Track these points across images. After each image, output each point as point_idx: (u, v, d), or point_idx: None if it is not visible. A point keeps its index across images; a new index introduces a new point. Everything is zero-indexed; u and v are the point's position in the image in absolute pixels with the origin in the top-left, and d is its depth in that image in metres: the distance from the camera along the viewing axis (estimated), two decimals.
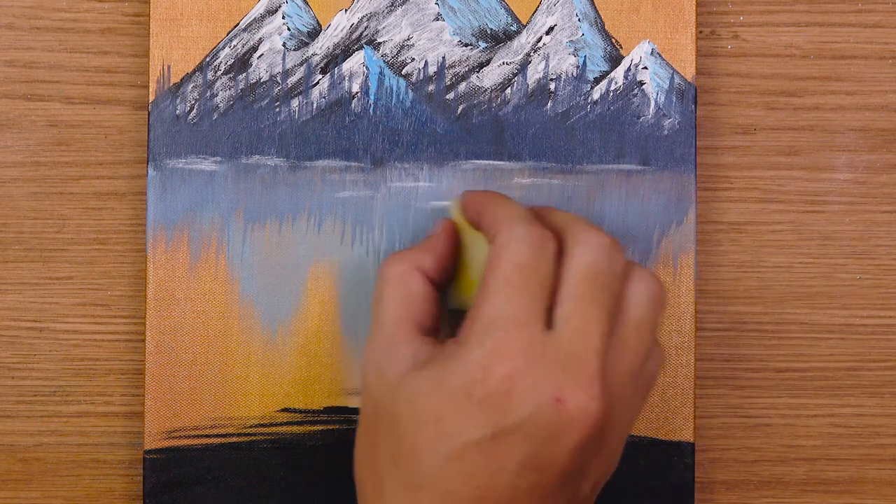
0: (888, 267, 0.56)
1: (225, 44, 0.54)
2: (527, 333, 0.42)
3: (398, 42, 0.54)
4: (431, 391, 0.42)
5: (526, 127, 0.54)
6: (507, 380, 0.41)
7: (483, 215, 0.46)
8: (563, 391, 0.41)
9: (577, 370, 0.42)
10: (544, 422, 0.41)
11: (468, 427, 0.42)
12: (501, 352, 0.42)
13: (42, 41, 0.55)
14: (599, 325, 0.43)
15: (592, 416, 0.42)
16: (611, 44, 0.54)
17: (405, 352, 0.44)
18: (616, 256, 0.44)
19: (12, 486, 0.55)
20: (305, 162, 0.53)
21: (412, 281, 0.46)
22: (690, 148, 0.54)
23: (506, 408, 0.41)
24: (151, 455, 0.53)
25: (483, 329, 0.42)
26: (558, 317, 0.43)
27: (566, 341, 0.42)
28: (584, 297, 0.43)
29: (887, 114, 0.56)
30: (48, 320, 0.55)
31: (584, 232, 0.44)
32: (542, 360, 0.42)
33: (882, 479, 0.56)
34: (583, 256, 0.43)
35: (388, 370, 0.44)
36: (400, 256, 0.47)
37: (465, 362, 0.42)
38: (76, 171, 0.55)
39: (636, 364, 0.44)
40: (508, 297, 0.42)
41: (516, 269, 0.43)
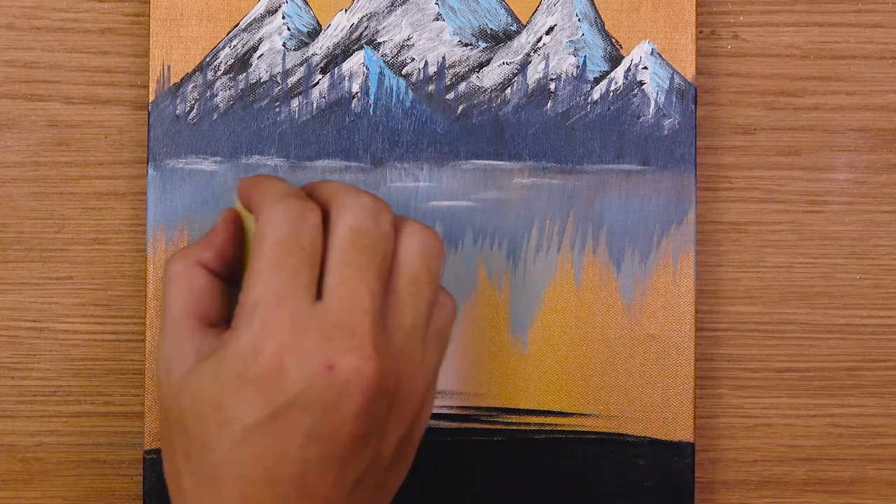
0: (888, 267, 0.56)
1: (225, 44, 0.54)
2: (290, 308, 0.42)
3: (398, 42, 0.54)
4: (210, 381, 0.42)
5: (526, 127, 0.54)
6: (277, 356, 0.41)
7: (250, 199, 0.46)
8: (333, 358, 0.41)
9: (347, 335, 0.42)
10: (319, 391, 0.41)
11: (246, 410, 0.41)
12: (268, 330, 0.42)
13: (42, 41, 0.55)
14: (367, 287, 0.42)
15: (368, 376, 0.41)
16: (611, 44, 0.54)
17: (189, 348, 0.44)
18: (381, 216, 0.43)
19: (12, 486, 0.55)
20: (305, 162, 0.53)
21: (193, 276, 0.46)
22: (690, 148, 0.54)
23: (279, 384, 0.41)
24: (151, 455, 0.53)
25: (249, 311, 0.42)
26: (325, 286, 0.42)
27: (334, 309, 0.42)
28: (349, 262, 0.42)
29: (887, 114, 0.56)
30: (48, 320, 0.55)
31: (345, 197, 0.44)
32: (309, 332, 0.42)
33: (882, 479, 0.56)
34: (345, 221, 0.43)
35: (175, 368, 0.44)
36: (181, 253, 0.46)
37: (236, 346, 0.42)
38: (76, 171, 0.55)
39: (418, 317, 0.44)
40: (270, 276, 0.42)
41: (276, 246, 0.42)
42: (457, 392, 0.53)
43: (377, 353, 0.42)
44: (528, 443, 0.54)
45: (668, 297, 0.54)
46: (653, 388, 0.53)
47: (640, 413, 0.54)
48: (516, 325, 0.54)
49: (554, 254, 0.54)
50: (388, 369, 0.42)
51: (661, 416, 0.54)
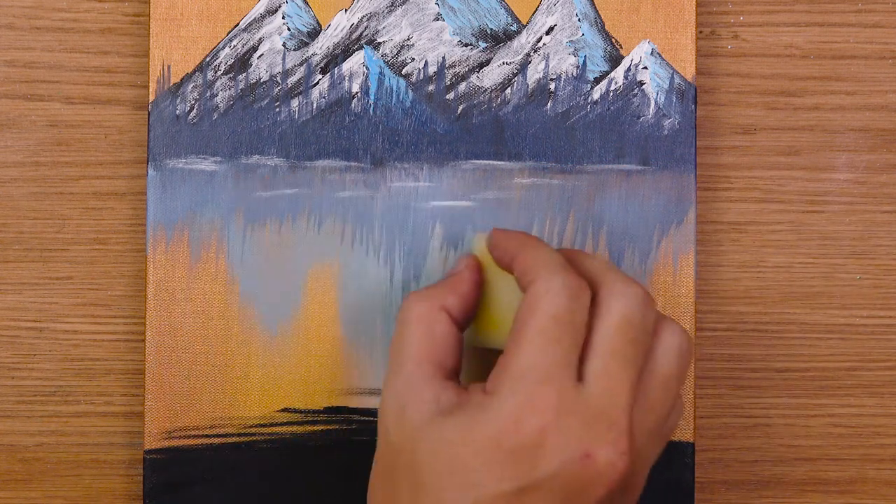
0: (888, 267, 0.56)
1: (225, 44, 0.54)
2: (559, 387, 0.42)
3: (398, 42, 0.54)
4: (459, 440, 0.42)
5: (526, 127, 0.54)
6: (538, 433, 0.41)
7: (517, 259, 0.46)
8: (591, 447, 0.41)
9: (606, 426, 0.42)
10: (572, 477, 0.41)
11: (495, 479, 0.41)
12: (533, 405, 0.41)
13: (42, 41, 0.55)
14: (629, 381, 0.42)
15: (620, 471, 0.42)
16: (611, 44, 0.54)
17: (428, 395, 0.44)
18: (649, 310, 0.44)
19: (12, 486, 0.55)
20: (305, 162, 0.53)
21: (436, 321, 0.45)
22: (690, 148, 0.54)
23: (535, 462, 0.41)
24: (151, 455, 0.53)
25: (515, 380, 0.42)
26: (589, 371, 0.42)
27: (596, 397, 0.42)
28: (616, 353, 0.43)
29: (887, 114, 0.56)
30: (48, 320, 0.55)
31: (618, 283, 0.44)
32: (572, 416, 0.42)
33: (882, 479, 0.56)
34: (616, 309, 0.43)
35: (409, 413, 0.43)
36: (424, 294, 0.46)
37: (496, 413, 0.42)
38: (76, 171, 0.55)
39: (661, 419, 0.44)
40: (542, 350, 0.42)
41: (552, 320, 0.42)
42: None
43: (630, 448, 0.42)
44: None
45: (668, 297, 0.54)
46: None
47: None
48: None
49: None
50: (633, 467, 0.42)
51: None
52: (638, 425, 0.43)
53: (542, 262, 0.44)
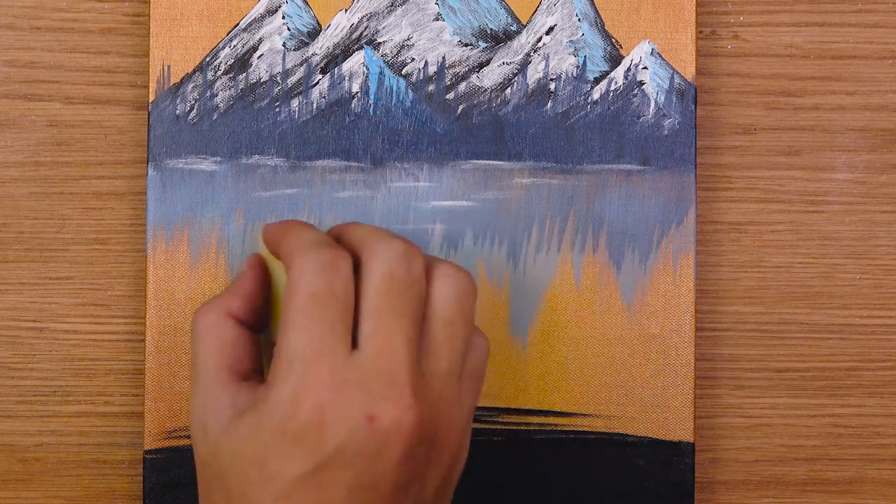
0: (888, 267, 0.56)
1: (225, 44, 0.54)
2: (329, 361, 0.41)
3: (398, 42, 0.54)
4: (250, 437, 0.42)
5: (526, 127, 0.54)
6: (317, 410, 0.41)
7: (279, 246, 0.45)
8: (373, 409, 0.41)
9: (386, 385, 0.41)
10: (361, 443, 0.41)
11: (288, 465, 0.41)
12: (307, 384, 0.41)
13: (42, 41, 0.55)
14: (403, 335, 0.42)
15: (409, 425, 0.41)
16: (611, 44, 0.54)
17: (225, 402, 0.44)
18: (413, 261, 0.43)
19: (12, 486, 0.55)
20: (305, 162, 0.53)
21: (223, 328, 0.45)
22: (690, 148, 0.54)
23: (321, 438, 0.41)
24: (151, 455, 0.53)
25: (286, 364, 0.42)
26: (361, 336, 0.42)
27: (371, 359, 0.42)
28: (384, 311, 0.42)
29: (887, 114, 0.56)
30: (48, 320, 0.55)
31: (376, 243, 0.43)
32: (349, 384, 0.41)
33: (882, 479, 0.56)
34: (377, 269, 0.43)
35: (210, 424, 0.43)
36: (208, 305, 0.46)
37: (275, 401, 0.42)
38: (76, 171, 0.55)
39: (454, 361, 0.44)
40: (306, 328, 0.42)
41: (310, 298, 0.42)
42: None
43: (416, 401, 0.42)
44: (528, 443, 0.54)
45: (668, 297, 0.54)
46: (653, 388, 0.53)
47: (640, 413, 0.54)
48: (516, 325, 0.54)
49: (554, 254, 0.54)
50: (426, 416, 0.42)
51: (661, 416, 0.54)
52: (428, 374, 0.43)
53: (297, 243, 0.44)
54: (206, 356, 0.45)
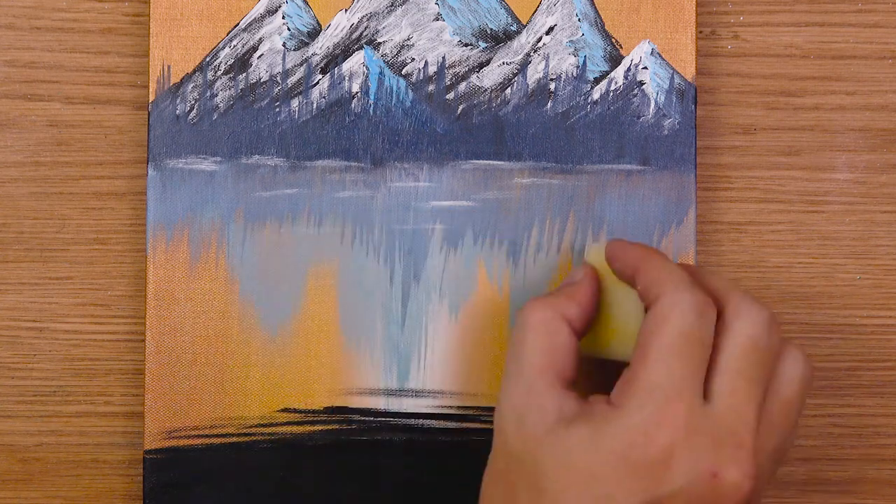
0: (888, 267, 0.56)
1: (225, 44, 0.54)
2: (687, 404, 0.42)
3: (398, 42, 0.54)
4: (585, 450, 0.42)
5: (526, 127, 0.54)
6: (667, 449, 0.42)
7: (640, 272, 0.46)
8: (719, 467, 0.42)
9: (734, 447, 0.42)
10: (698, 495, 0.42)
11: (621, 492, 0.41)
12: (662, 420, 0.42)
13: (42, 41, 0.55)
14: (756, 402, 0.43)
15: (745, 493, 0.42)
16: (611, 44, 0.54)
17: (550, 405, 0.44)
18: (774, 333, 0.44)
19: (12, 486, 0.55)
20: (305, 162, 0.53)
21: (557, 331, 0.45)
22: (690, 148, 0.54)
23: (662, 477, 0.41)
24: (151, 455, 0.53)
25: (644, 394, 0.42)
26: (715, 390, 0.43)
27: (723, 416, 0.42)
28: (742, 373, 0.43)
29: (887, 114, 0.56)
30: (48, 320, 0.55)
31: (745, 303, 0.44)
32: (700, 433, 0.42)
33: (882, 479, 0.56)
34: (743, 330, 0.43)
35: (531, 421, 0.44)
36: (545, 302, 0.46)
37: (625, 426, 0.42)
38: (76, 171, 0.55)
39: (781, 444, 0.44)
40: (671, 365, 0.42)
41: (681, 336, 0.43)
42: (457, 392, 0.53)
43: (755, 471, 0.42)
44: None
45: None
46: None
47: None
48: None
49: (554, 254, 0.54)
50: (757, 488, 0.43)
51: None
52: (761, 448, 0.43)
53: (668, 276, 0.44)
54: (535, 352, 0.45)
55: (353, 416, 0.53)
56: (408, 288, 0.53)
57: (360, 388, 0.53)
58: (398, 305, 0.53)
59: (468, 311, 0.53)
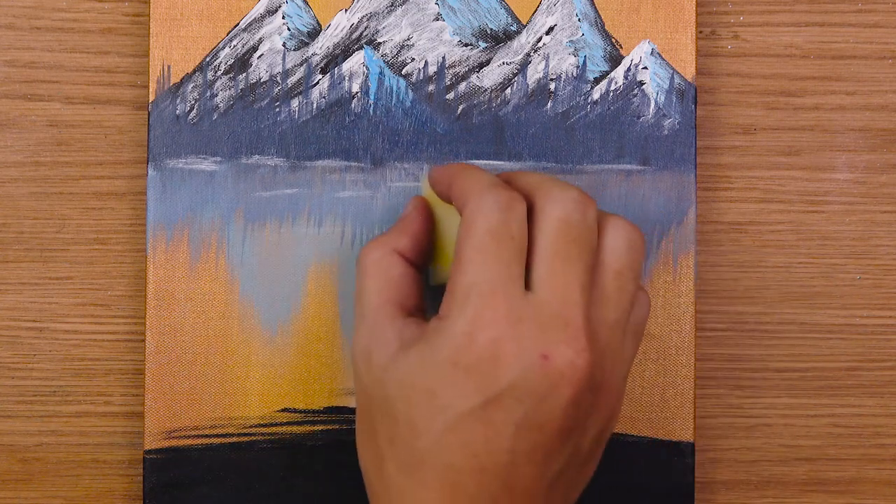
0: (888, 267, 0.56)
1: (225, 44, 0.54)
2: (506, 297, 0.42)
3: (398, 42, 0.54)
4: (420, 368, 0.43)
5: (526, 127, 0.54)
6: (493, 345, 0.42)
7: (452, 187, 0.46)
8: (548, 349, 0.42)
9: (561, 327, 0.42)
10: (534, 381, 0.42)
11: (459, 397, 0.42)
12: (483, 318, 0.42)
13: (42, 41, 0.55)
14: (578, 280, 0.43)
15: (581, 369, 0.42)
16: (611, 44, 0.54)
17: (391, 335, 0.44)
18: (587, 208, 0.44)
19: (12, 486, 0.55)
20: (305, 162, 0.53)
21: (391, 265, 0.46)
22: (690, 148, 0.54)
23: (494, 373, 0.42)
24: (151, 455, 0.53)
25: (462, 299, 0.42)
26: (535, 277, 0.43)
27: (546, 300, 0.42)
28: (559, 254, 0.43)
29: (887, 114, 0.56)
30: (48, 320, 0.55)
31: (553, 189, 0.44)
32: (525, 322, 0.42)
33: (882, 479, 0.56)
34: (553, 213, 0.43)
35: (375, 355, 0.44)
36: (376, 242, 0.47)
37: (449, 334, 0.42)
38: (76, 171, 0.55)
39: (620, 313, 0.44)
40: (483, 264, 0.42)
41: (488, 234, 0.43)
42: None
43: (589, 345, 0.42)
44: None
45: (668, 297, 0.54)
46: (653, 387, 0.53)
47: (640, 413, 0.54)
48: None
49: None
50: (596, 362, 0.43)
51: (661, 416, 0.54)
52: (597, 322, 0.43)
53: (472, 183, 0.45)
54: (372, 290, 0.46)
55: (353, 416, 0.53)
56: None
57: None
58: None
59: None
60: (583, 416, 0.43)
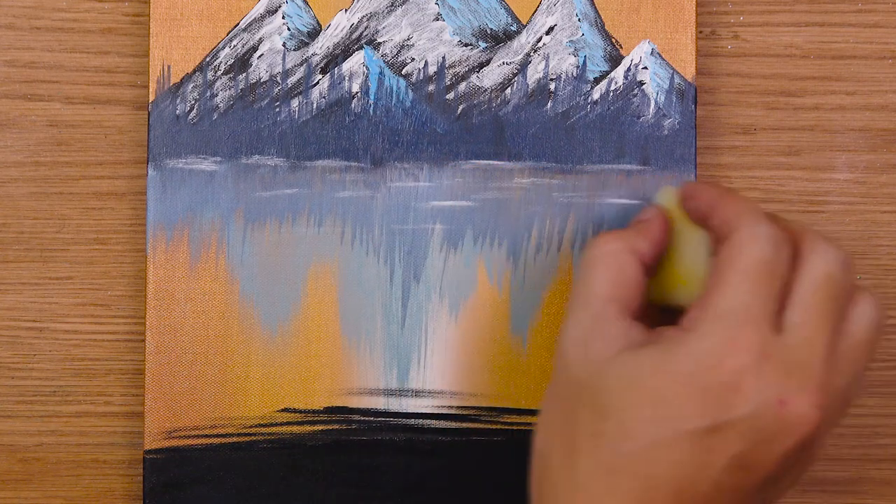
0: (888, 267, 0.56)
1: (225, 44, 0.54)
2: (760, 331, 0.42)
3: (398, 42, 0.54)
4: (653, 372, 0.42)
5: (526, 127, 0.54)
6: (737, 374, 0.41)
7: (717, 209, 0.46)
8: (787, 395, 0.41)
9: (803, 377, 0.42)
10: (764, 422, 0.41)
11: (688, 414, 0.41)
12: (734, 345, 0.42)
13: (42, 41, 0.55)
14: (826, 336, 0.43)
15: (812, 423, 0.42)
16: (611, 44, 0.54)
17: (616, 332, 0.44)
18: (849, 272, 0.44)
19: (12, 486, 0.55)
20: (305, 162, 0.53)
21: (626, 262, 0.45)
22: (690, 148, 0.54)
23: (730, 402, 0.41)
24: (151, 455, 0.53)
25: (717, 319, 0.42)
26: (788, 321, 0.43)
27: (795, 346, 0.42)
28: (816, 307, 0.43)
29: (887, 114, 0.56)
30: (48, 320, 0.55)
31: (821, 242, 0.44)
32: (771, 361, 0.42)
33: (882, 479, 0.56)
34: (818, 266, 0.43)
35: (596, 347, 0.43)
36: (615, 235, 0.46)
37: (695, 349, 0.42)
38: (76, 171, 0.55)
39: (849, 384, 0.44)
40: (746, 292, 0.42)
41: (758, 264, 0.43)
42: (457, 392, 0.53)
43: (824, 402, 0.42)
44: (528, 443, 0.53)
45: None
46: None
47: None
48: (516, 325, 0.54)
49: (554, 254, 0.54)
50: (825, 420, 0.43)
51: None
52: (830, 384, 0.43)
53: (746, 210, 0.44)
54: (601, 282, 0.45)
55: (353, 416, 0.53)
56: (408, 288, 0.53)
57: (360, 388, 0.53)
58: (398, 305, 0.53)
59: (468, 311, 0.53)
60: (789, 467, 0.43)
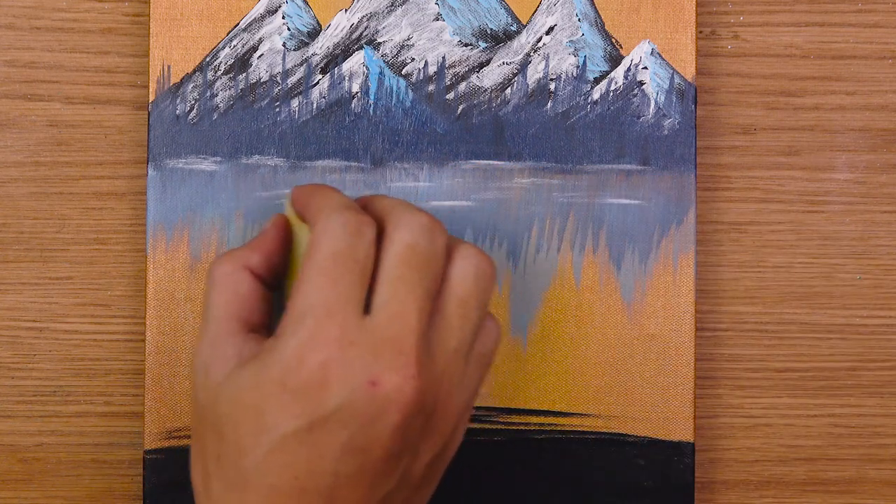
0: (888, 267, 0.56)
1: (225, 44, 0.54)
2: (340, 321, 0.42)
3: (398, 42, 0.54)
4: (250, 386, 0.42)
5: (526, 127, 0.54)
6: (321, 368, 0.41)
7: (307, 207, 0.46)
8: (377, 374, 0.41)
9: (393, 352, 0.42)
10: (360, 406, 0.41)
11: (285, 418, 0.41)
12: (314, 341, 0.42)
13: (42, 41, 0.55)
14: (416, 305, 0.42)
15: (408, 395, 0.42)
16: (611, 44, 0.54)
17: (231, 351, 0.44)
18: (435, 236, 0.44)
19: (12, 486, 0.55)
20: (305, 162, 0.53)
21: (239, 280, 0.45)
22: (690, 148, 0.54)
23: (321, 396, 0.41)
24: (151, 455, 0.53)
25: (297, 319, 0.42)
26: (375, 301, 0.43)
27: (383, 325, 0.42)
28: (401, 279, 0.43)
29: (887, 114, 0.56)
30: (48, 320, 0.55)
31: (402, 214, 0.44)
32: (357, 346, 0.42)
33: (882, 479, 0.56)
34: (399, 238, 0.43)
35: (213, 370, 0.44)
36: (227, 256, 0.46)
37: (280, 354, 0.42)
38: (76, 171, 0.55)
39: (463, 340, 0.44)
40: (321, 286, 0.42)
41: (331, 257, 0.43)
42: None
43: (420, 372, 0.42)
44: (528, 443, 0.54)
45: (668, 297, 0.54)
46: (653, 388, 0.54)
47: (640, 413, 0.54)
48: (516, 325, 0.54)
49: (554, 254, 0.54)
50: (427, 389, 0.42)
51: (661, 416, 0.54)
52: (435, 348, 0.43)
53: (324, 204, 0.44)
54: (217, 305, 0.45)
55: None
56: None
57: None
58: None
59: None
60: (413, 442, 0.43)
